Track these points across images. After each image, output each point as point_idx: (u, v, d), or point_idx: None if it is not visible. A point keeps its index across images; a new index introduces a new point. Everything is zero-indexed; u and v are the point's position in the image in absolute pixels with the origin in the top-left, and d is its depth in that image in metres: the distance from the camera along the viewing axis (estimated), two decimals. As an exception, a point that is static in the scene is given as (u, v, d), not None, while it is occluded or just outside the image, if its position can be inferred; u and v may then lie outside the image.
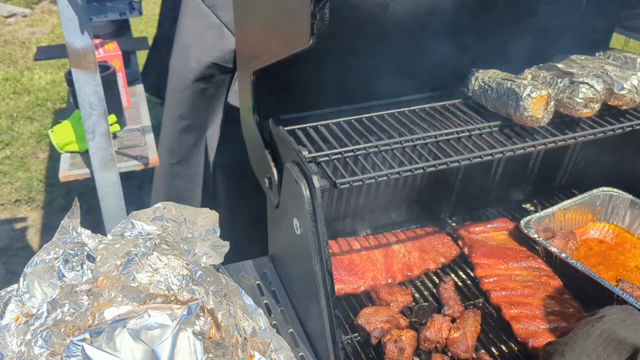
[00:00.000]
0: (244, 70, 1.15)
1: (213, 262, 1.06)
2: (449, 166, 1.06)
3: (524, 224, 1.36)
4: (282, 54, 0.92)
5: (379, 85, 1.26)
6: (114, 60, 2.20)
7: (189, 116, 2.09)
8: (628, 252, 1.38)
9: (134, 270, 0.92)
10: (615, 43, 1.57)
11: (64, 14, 1.43)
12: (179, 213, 1.08)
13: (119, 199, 1.80)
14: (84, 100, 1.60)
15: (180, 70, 2.04)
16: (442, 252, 1.40)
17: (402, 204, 1.51)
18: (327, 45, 0.92)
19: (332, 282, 0.99)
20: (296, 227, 1.06)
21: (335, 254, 1.34)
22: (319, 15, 0.78)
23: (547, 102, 1.13)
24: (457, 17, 1.27)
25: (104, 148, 1.69)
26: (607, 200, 1.46)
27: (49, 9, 6.64)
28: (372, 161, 1.07)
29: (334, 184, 0.98)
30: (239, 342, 0.90)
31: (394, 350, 1.08)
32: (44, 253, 0.94)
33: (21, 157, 3.84)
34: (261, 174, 1.22)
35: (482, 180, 1.57)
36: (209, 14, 1.99)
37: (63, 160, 1.98)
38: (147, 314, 0.81)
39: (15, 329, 0.87)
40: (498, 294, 1.25)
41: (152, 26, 5.22)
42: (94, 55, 1.54)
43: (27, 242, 3.11)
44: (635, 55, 1.31)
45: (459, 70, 1.29)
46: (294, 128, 1.16)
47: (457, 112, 1.26)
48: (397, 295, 1.25)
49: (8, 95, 4.64)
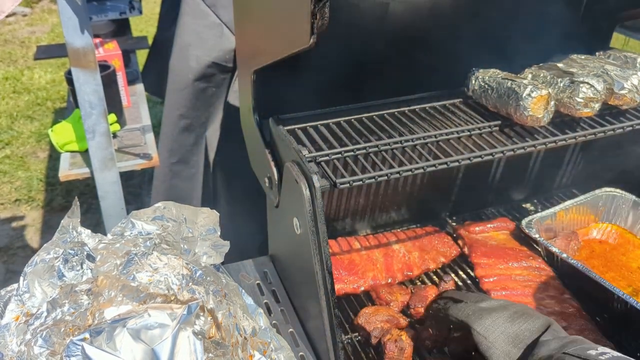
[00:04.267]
0: (244, 70, 1.15)
1: (213, 262, 1.06)
2: (449, 166, 1.06)
3: (525, 223, 1.36)
4: (282, 54, 0.92)
5: (379, 85, 1.26)
6: (114, 59, 2.19)
7: (189, 115, 2.09)
8: (630, 253, 1.38)
9: (134, 269, 0.92)
10: (615, 43, 1.56)
11: (63, 13, 1.43)
12: (179, 212, 1.07)
13: (119, 199, 1.80)
14: (84, 100, 1.60)
15: (180, 69, 2.04)
16: (442, 252, 1.40)
17: (402, 204, 1.51)
18: (327, 44, 0.92)
19: (332, 282, 0.99)
20: (296, 227, 1.06)
21: (335, 254, 1.34)
22: (319, 14, 0.78)
23: (548, 101, 1.13)
24: (457, 17, 1.27)
25: (104, 147, 1.69)
26: (610, 200, 1.45)
27: (49, 8, 6.64)
28: (372, 161, 1.07)
29: (334, 184, 0.98)
30: (239, 341, 0.90)
31: (394, 350, 1.08)
32: (44, 252, 0.94)
33: (21, 157, 3.84)
34: (261, 173, 1.22)
35: (482, 180, 1.57)
36: (209, 13, 1.99)
37: (63, 159, 1.98)
38: (147, 313, 0.81)
39: (15, 329, 0.86)
40: (498, 294, 1.25)
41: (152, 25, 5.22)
42: (94, 55, 1.54)
43: (27, 242, 3.11)
44: (635, 55, 1.30)
45: (459, 69, 1.29)
46: (294, 127, 1.16)
47: (457, 111, 1.26)
48: (397, 295, 1.25)
49: (8, 95, 4.64)
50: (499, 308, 0.92)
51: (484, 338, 0.88)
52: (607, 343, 1.12)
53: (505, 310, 0.91)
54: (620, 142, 1.47)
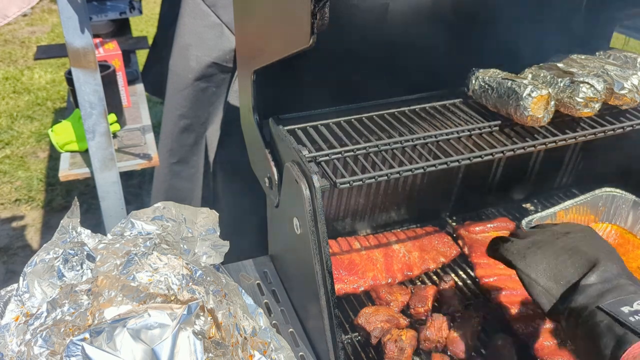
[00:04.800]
0: (244, 70, 1.15)
1: (213, 262, 1.06)
2: (449, 166, 1.06)
3: (525, 223, 1.36)
4: (282, 54, 0.92)
5: (378, 85, 1.26)
6: (114, 59, 2.19)
7: (189, 115, 2.09)
8: (630, 253, 1.38)
9: (133, 269, 0.92)
10: (615, 43, 1.56)
11: (63, 13, 1.43)
12: (179, 212, 1.08)
13: (119, 199, 1.80)
14: (84, 100, 1.60)
15: (180, 69, 2.04)
16: (442, 252, 1.40)
17: (402, 204, 1.51)
18: (327, 44, 0.92)
19: (332, 282, 0.99)
20: (296, 227, 1.06)
21: (335, 254, 1.34)
22: (319, 14, 0.78)
23: (548, 101, 1.13)
24: (457, 17, 1.27)
25: (104, 147, 1.69)
26: (610, 200, 1.45)
27: (49, 8, 6.64)
28: (372, 161, 1.07)
29: (334, 184, 0.98)
30: (239, 341, 0.90)
31: (394, 350, 1.08)
32: (44, 253, 0.94)
33: (21, 157, 3.84)
34: (261, 173, 1.22)
35: (482, 180, 1.57)
36: (209, 13, 1.99)
37: (63, 159, 1.98)
38: (147, 313, 0.81)
39: (15, 329, 0.87)
40: (498, 294, 1.25)
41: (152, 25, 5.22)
42: (94, 55, 1.54)
43: (27, 242, 3.11)
44: (635, 55, 1.30)
45: (459, 69, 1.29)
46: (294, 127, 1.16)
47: (457, 111, 1.26)
48: (397, 295, 1.25)
49: (8, 95, 4.64)
50: (546, 243, 0.89)
51: (527, 276, 0.87)
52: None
53: (552, 246, 0.88)
54: (620, 142, 1.47)
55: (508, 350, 1.09)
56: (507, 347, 1.10)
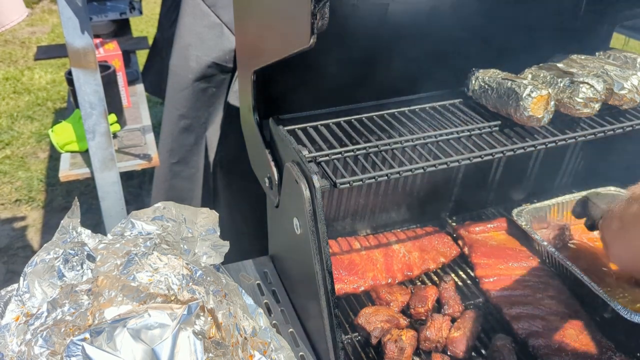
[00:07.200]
0: (244, 70, 1.15)
1: (213, 262, 1.06)
2: (449, 166, 1.06)
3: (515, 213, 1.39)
4: (282, 54, 0.92)
5: (378, 85, 1.26)
6: (114, 59, 2.20)
7: (189, 116, 2.09)
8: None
9: (134, 269, 0.92)
10: (615, 43, 1.56)
11: (64, 13, 1.43)
12: (179, 213, 1.08)
13: (119, 199, 1.80)
14: (84, 100, 1.60)
15: (180, 69, 2.04)
16: (442, 252, 1.40)
17: (402, 204, 1.51)
18: (328, 44, 0.92)
19: (332, 282, 0.99)
20: (296, 227, 1.06)
21: (335, 254, 1.34)
22: (319, 14, 0.78)
23: (548, 101, 1.13)
24: (457, 17, 1.27)
25: (104, 148, 1.69)
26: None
27: (49, 8, 6.64)
28: (372, 161, 1.07)
29: (334, 184, 0.98)
30: (239, 341, 0.90)
31: (394, 350, 1.08)
32: (44, 253, 0.94)
33: (21, 157, 3.85)
34: (261, 173, 1.22)
35: (482, 180, 1.57)
36: (209, 14, 1.99)
37: (63, 159, 1.98)
38: (147, 313, 0.81)
39: (15, 329, 0.87)
40: (498, 294, 1.25)
41: (152, 26, 5.22)
42: (94, 55, 1.54)
43: (27, 242, 3.11)
44: (635, 55, 1.30)
45: (459, 69, 1.29)
46: (294, 128, 1.16)
47: (457, 112, 1.26)
48: (397, 295, 1.25)
49: (8, 95, 4.64)
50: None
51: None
52: (607, 343, 1.12)
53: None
54: (620, 142, 1.47)
55: (508, 350, 1.09)
56: (507, 347, 1.10)
